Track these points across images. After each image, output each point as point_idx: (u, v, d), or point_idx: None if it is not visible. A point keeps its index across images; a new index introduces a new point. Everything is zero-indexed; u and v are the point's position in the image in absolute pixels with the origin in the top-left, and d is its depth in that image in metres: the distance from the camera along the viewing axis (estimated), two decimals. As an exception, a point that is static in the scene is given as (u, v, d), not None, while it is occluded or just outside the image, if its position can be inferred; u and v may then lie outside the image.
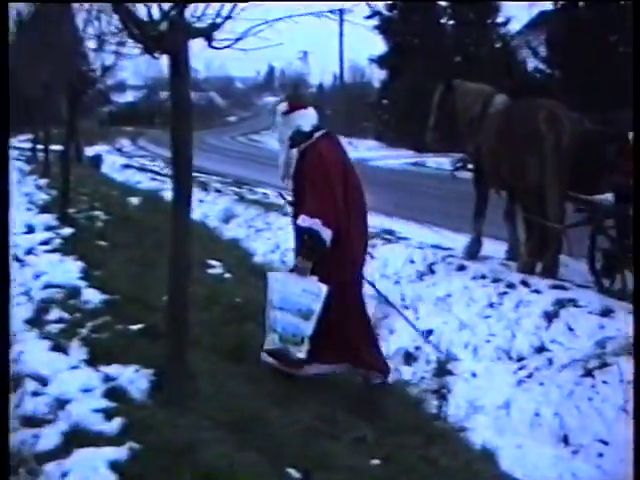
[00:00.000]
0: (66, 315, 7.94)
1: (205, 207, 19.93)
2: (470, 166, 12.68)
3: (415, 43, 45.04)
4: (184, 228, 5.78)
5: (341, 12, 46.72)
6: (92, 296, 8.61)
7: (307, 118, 7.18)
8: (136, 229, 13.78)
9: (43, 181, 20.33)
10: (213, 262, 12.07)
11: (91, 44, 12.62)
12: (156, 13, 5.44)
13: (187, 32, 5.52)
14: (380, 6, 46.27)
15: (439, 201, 19.98)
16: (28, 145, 34.61)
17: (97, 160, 32.92)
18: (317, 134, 7.10)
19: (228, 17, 5.56)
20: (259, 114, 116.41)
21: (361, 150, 46.68)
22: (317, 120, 7.26)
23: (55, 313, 8.03)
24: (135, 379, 6.03)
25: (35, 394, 5.91)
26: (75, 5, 13.80)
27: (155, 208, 16.72)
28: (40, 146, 27.60)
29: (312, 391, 6.98)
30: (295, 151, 7.15)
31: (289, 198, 7.58)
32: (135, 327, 7.39)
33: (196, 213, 14.20)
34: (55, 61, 17.40)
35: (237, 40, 5.69)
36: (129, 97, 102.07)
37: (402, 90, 43.93)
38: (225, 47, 5.71)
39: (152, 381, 5.99)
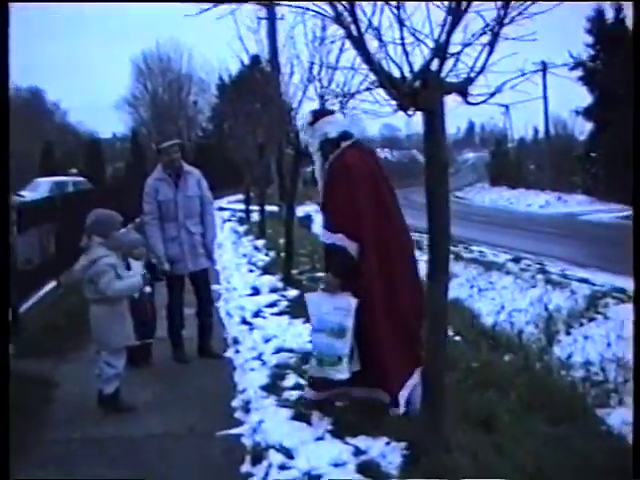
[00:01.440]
0: (302, 381, 7.73)
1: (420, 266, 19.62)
2: None
3: (620, 93, 43.86)
4: (442, 298, 5.51)
5: (544, 65, 46.62)
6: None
7: (333, 124, 6.84)
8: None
9: (260, 242, 20.60)
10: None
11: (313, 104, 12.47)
12: (406, 69, 5.24)
13: (442, 88, 5.29)
14: (583, 57, 45.64)
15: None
16: (239, 206, 35.42)
17: (308, 220, 33.26)
18: (345, 143, 6.71)
19: (482, 70, 5.28)
20: (460, 170, 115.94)
21: (571, 205, 45.89)
22: (345, 127, 6.96)
23: (291, 379, 7.86)
24: (387, 452, 5.74)
25: (282, 467, 5.72)
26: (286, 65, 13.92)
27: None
28: (253, 207, 28.12)
29: (557, 461, 6.54)
30: (325, 163, 6.78)
31: None
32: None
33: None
34: (269, 123, 17.73)
35: (492, 95, 5.39)
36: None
37: (611, 142, 42.80)
38: (481, 102, 5.43)
39: (405, 455, 5.67)
